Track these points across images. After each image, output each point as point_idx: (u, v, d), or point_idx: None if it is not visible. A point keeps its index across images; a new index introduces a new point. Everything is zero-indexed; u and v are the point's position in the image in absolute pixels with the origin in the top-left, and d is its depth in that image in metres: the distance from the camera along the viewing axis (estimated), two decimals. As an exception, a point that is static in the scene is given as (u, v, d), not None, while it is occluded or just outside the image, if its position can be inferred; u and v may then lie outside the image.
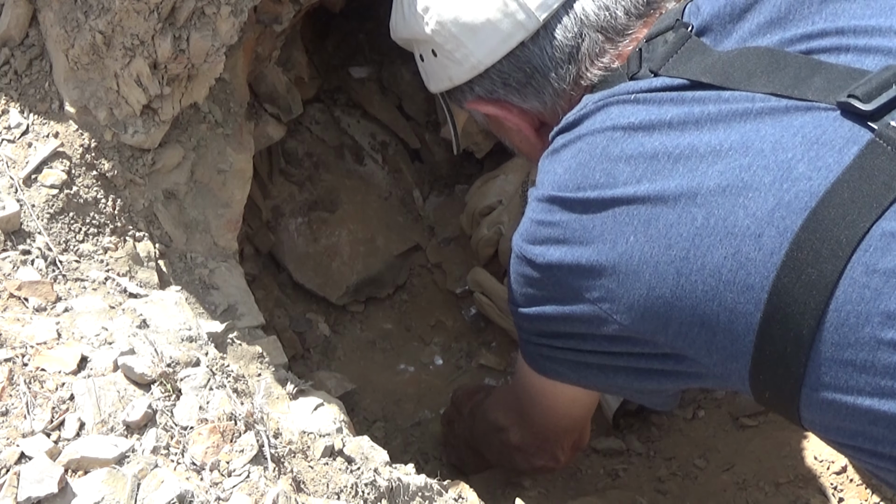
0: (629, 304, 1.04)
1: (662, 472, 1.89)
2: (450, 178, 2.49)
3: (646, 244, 1.01)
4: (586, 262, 1.06)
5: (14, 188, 1.38)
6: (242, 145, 1.69)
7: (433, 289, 2.37)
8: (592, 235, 1.06)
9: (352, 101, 2.42)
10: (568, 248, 1.08)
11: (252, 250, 2.17)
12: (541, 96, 1.25)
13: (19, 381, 1.05)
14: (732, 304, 0.97)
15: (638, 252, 1.02)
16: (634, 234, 1.02)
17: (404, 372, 2.25)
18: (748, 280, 0.95)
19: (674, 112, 1.05)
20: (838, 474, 1.68)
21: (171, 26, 1.47)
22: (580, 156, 1.10)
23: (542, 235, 1.12)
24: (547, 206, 1.11)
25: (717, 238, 0.97)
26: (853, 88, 0.95)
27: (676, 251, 0.99)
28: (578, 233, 1.07)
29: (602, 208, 1.06)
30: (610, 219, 1.05)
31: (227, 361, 1.23)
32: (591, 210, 1.07)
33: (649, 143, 1.04)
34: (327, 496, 1.11)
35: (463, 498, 1.39)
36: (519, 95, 1.26)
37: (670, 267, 1.00)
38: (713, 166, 0.99)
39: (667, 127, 1.04)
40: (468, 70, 1.26)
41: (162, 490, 0.96)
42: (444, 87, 1.34)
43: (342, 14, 2.37)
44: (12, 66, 1.48)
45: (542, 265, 1.12)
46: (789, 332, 0.94)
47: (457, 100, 1.35)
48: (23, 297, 1.24)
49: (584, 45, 1.19)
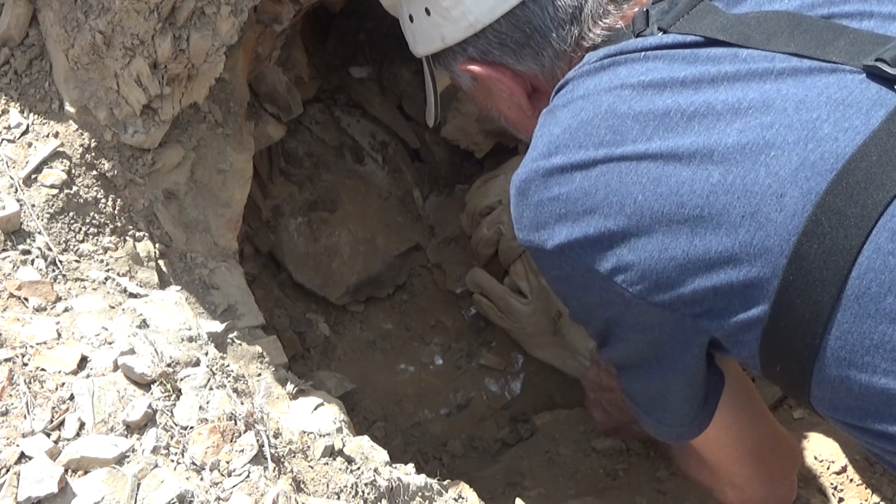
0: (642, 271, 0.97)
1: (662, 473, 1.89)
2: (450, 178, 2.49)
3: (655, 202, 0.95)
4: (594, 231, 1.00)
5: (14, 188, 1.38)
6: (242, 145, 1.69)
7: (433, 289, 2.37)
8: (597, 201, 0.99)
9: (352, 101, 2.42)
10: (573, 223, 1.01)
11: (252, 250, 2.17)
12: (539, 58, 1.19)
13: (19, 381, 1.05)
14: (748, 268, 0.92)
15: (648, 211, 0.96)
16: (643, 193, 0.96)
17: (404, 372, 2.25)
18: (767, 242, 0.90)
19: (687, 70, 1.00)
20: (838, 474, 1.68)
21: (171, 26, 1.47)
22: (582, 114, 1.03)
23: (543, 217, 1.04)
24: (542, 182, 1.04)
25: (735, 196, 0.92)
26: (880, 52, 0.92)
27: (689, 209, 0.94)
28: (581, 202, 1.00)
29: (607, 169, 0.99)
30: (616, 180, 0.98)
31: (227, 361, 1.23)
32: (594, 172, 0.99)
33: (660, 100, 0.98)
34: (327, 496, 1.11)
35: (463, 498, 1.39)
36: (515, 57, 1.20)
37: (683, 226, 0.94)
38: (731, 124, 0.94)
39: (679, 85, 0.99)
40: (463, 29, 1.20)
41: (162, 490, 0.96)
42: (434, 49, 1.26)
43: (342, 14, 2.37)
44: (12, 66, 1.48)
45: (554, 250, 1.04)
46: (808, 301, 0.89)
47: (445, 62, 1.27)
48: (23, 297, 1.24)
49: (588, 6, 1.14)
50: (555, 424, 2.11)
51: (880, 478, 1.68)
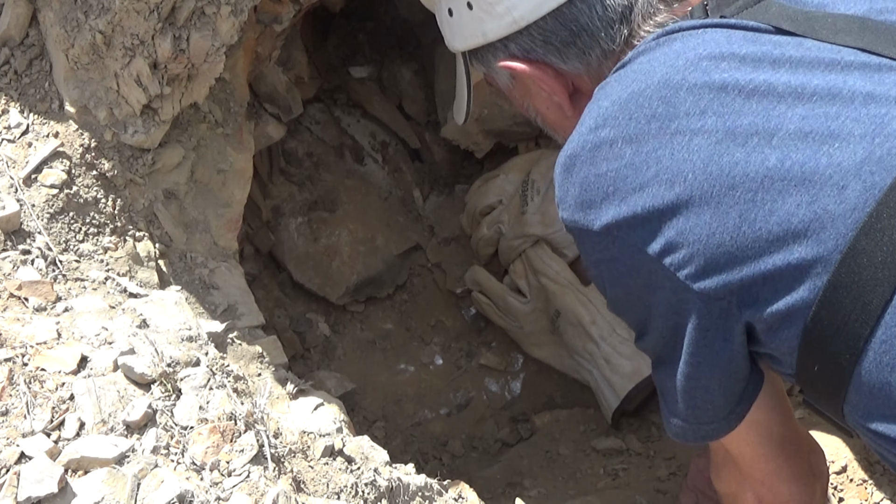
0: (691, 253, 0.92)
1: (662, 472, 1.89)
2: (450, 178, 2.49)
3: (706, 182, 0.90)
4: (642, 209, 0.94)
5: (14, 188, 1.38)
6: (242, 145, 1.69)
7: (433, 289, 2.37)
8: (647, 178, 0.94)
9: (352, 101, 2.42)
10: (622, 201, 0.95)
11: (252, 250, 2.17)
12: (585, 57, 1.13)
13: (19, 381, 1.05)
14: (799, 259, 0.87)
15: (698, 191, 0.91)
16: (693, 172, 0.91)
17: (404, 372, 2.25)
18: (822, 234, 0.86)
19: (748, 48, 0.94)
20: (838, 474, 1.68)
21: (171, 26, 1.47)
22: (633, 85, 0.97)
23: (590, 195, 0.98)
24: (589, 157, 0.98)
25: (792, 183, 0.87)
26: None
27: (741, 192, 0.89)
28: (630, 179, 0.95)
29: (658, 144, 0.93)
30: (667, 155, 0.93)
31: (227, 361, 1.23)
32: (645, 147, 0.94)
33: (717, 73, 0.93)
34: (327, 496, 1.11)
35: (463, 498, 1.39)
36: (559, 55, 1.14)
37: (733, 210, 0.89)
38: (793, 109, 0.90)
39: (738, 60, 0.94)
40: (507, 25, 1.15)
41: (162, 490, 0.96)
42: (474, 45, 1.21)
43: (342, 14, 2.37)
44: (12, 66, 1.48)
45: (601, 231, 0.98)
46: (857, 300, 0.85)
47: (483, 59, 1.22)
48: (23, 297, 1.24)
49: (638, 5, 1.09)
50: (555, 424, 2.11)
51: (880, 478, 1.68)
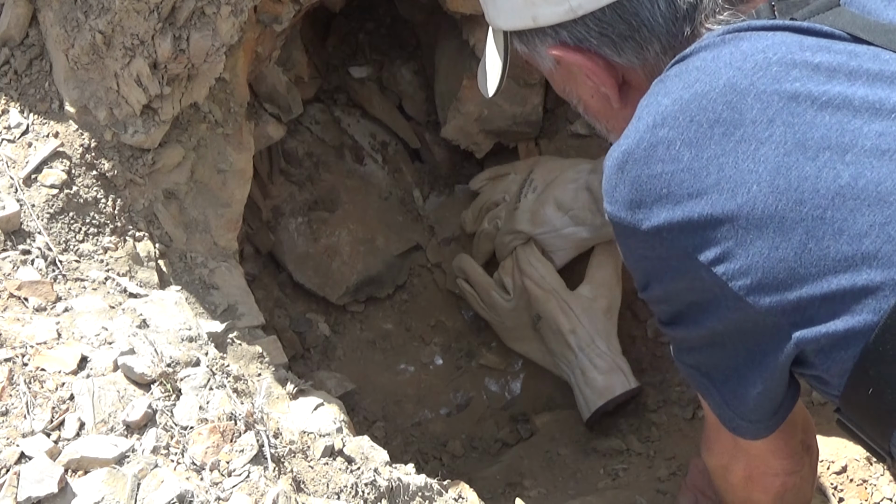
0: (747, 266, 0.89)
1: (662, 472, 1.89)
2: (450, 178, 2.49)
3: (771, 196, 0.87)
4: (699, 216, 0.91)
5: (14, 188, 1.38)
6: (242, 145, 1.69)
7: (433, 289, 2.37)
8: (706, 184, 0.90)
9: (352, 101, 2.42)
10: (675, 205, 0.92)
11: (252, 250, 2.17)
12: (642, 52, 1.07)
13: (19, 381, 1.05)
14: (865, 281, 0.84)
15: (761, 204, 0.87)
16: (758, 184, 0.87)
17: (404, 372, 2.25)
18: (894, 257, 0.83)
19: (821, 56, 0.90)
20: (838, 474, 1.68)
21: (171, 26, 1.47)
22: (697, 86, 0.93)
23: (641, 195, 0.95)
24: (644, 156, 0.94)
25: (865, 203, 0.84)
26: None
27: (809, 209, 0.86)
28: (687, 183, 0.91)
29: (721, 150, 0.90)
30: (730, 163, 0.89)
31: (227, 361, 1.23)
32: (706, 152, 0.90)
33: (787, 81, 0.89)
34: (327, 496, 1.11)
35: (463, 498, 1.39)
36: (614, 48, 1.08)
37: (798, 226, 0.86)
38: (870, 124, 0.86)
39: (811, 69, 0.89)
40: (562, 13, 1.08)
41: (162, 490, 0.96)
42: (520, 27, 1.14)
43: (342, 14, 2.37)
44: (12, 66, 1.48)
45: (649, 231, 0.95)
46: None
47: (529, 42, 1.15)
48: (23, 297, 1.24)
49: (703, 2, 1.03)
50: (555, 424, 2.11)
51: (880, 478, 1.68)
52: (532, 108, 2.30)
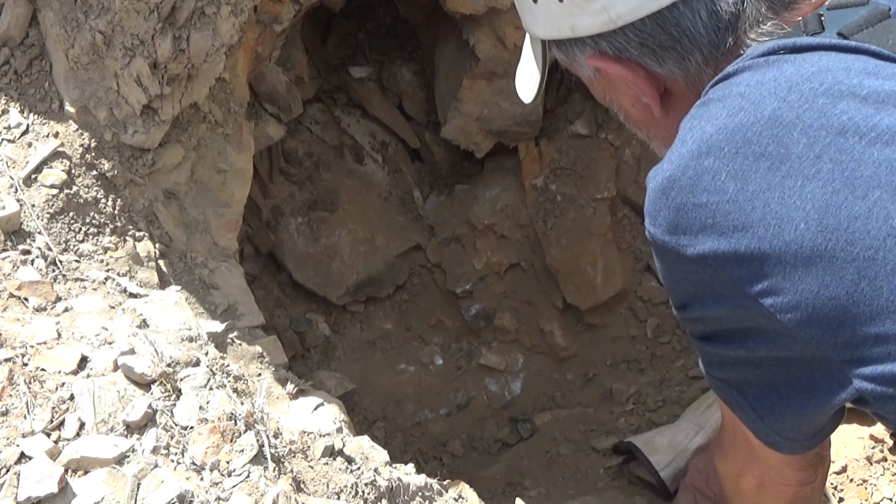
0: (796, 301, 0.88)
1: (662, 472, 1.89)
2: (450, 178, 2.49)
3: (820, 235, 0.85)
4: (746, 249, 0.89)
5: (14, 188, 1.38)
6: (242, 145, 1.69)
7: (433, 289, 2.37)
8: (752, 219, 0.88)
9: (352, 101, 2.42)
10: (721, 235, 0.91)
11: (252, 250, 2.17)
12: (683, 63, 1.05)
13: (19, 381, 1.05)
14: None
15: (810, 243, 0.86)
16: (806, 222, 0.86)
17: (404, 372, 2.25)
18: None
19: (870, 83, 0.88)
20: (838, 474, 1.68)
21: (171, 26, 1.47)
22: (741, 115, 0.91)
23: (685, 222, 0.93)
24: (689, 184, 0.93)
25: None
26: None
27: (861, 249, 0.84)
28: (733, 216, 0.90)
29: (767, 185, 0.88)
30: (777, 200, 0.87)
31: (227, 361, 1.23)
32: (751, 185, 0.89)
33: (835, 114, 0.87)
34: (327, 496, 1.11)
35: (463, 498, 1.39)
36: (655, 58, 1.06)
37: (850, 266, 0.85)
38: None
39: (860, 100, 0.87)
40: (601, 24, 1.06)
41: (162, 490, 0.96)
42: (559, 37, 1.12)
43: (342, 14, 2.37)
44: (12, 66, 1.48)
45: (693, 257, 0.93)
46: None
47: (568, 51, 1.13)
48: (23, 297, 1.24)
49: (745, 13, 1.01)
50: (555, 424, 2.11)
51: (880, 478, 1.68)
52: (532, 108, 2.30)
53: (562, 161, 2.41)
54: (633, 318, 2.33)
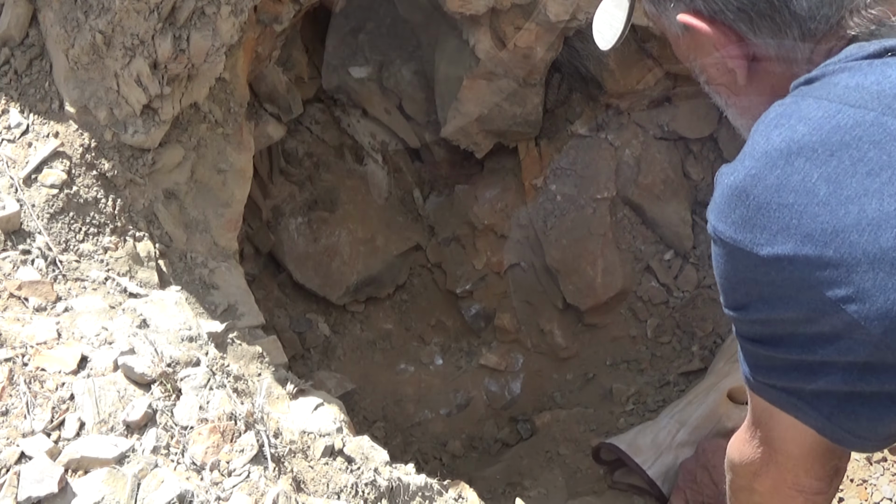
0: (885, 309, 0.86)
1: (662, 472, 1.89)
2: (450, 178, 2.49)
3: None
4: (835, 254, 0.87)
5: (14, 188, 1.38)
6: (242, 145, 1.69)
7: (433, 289, 2.37)
8: (844, 223, 0.86)
9: (352, 101, 2.42)
10: (805, 238, 0.88)
11: (252, 250, 2.17)
12: (779, 35, 1.02)
13: (19, 381, 1.05)
14: None
15: None
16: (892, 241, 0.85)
17: (404, 372, 2.25)
18: None
19: None
20: (838, 474, 1.68)
21: (171, 26, 1.47)
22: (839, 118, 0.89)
23: (764, 221, 0.91)
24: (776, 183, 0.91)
25: None
26: None
27: None
28: (822, 218, 0.87)
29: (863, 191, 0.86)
30: (874, 206, 0.86)
31: (227, 361, 1.23)
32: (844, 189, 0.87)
33: None
34: (327, 496, 1.11)
35: (463, 498, 1.39)
36: (751, 25, 1.02)
37: None
38: None
39: None
40: None
41: (162, 490, 0.96)
42: None
43: (342, 14, 2.37)
44: (12, 66, 1.48)
45: (767, 258, 0.90)
46: None
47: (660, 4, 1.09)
48: (23, 297, 1.24)
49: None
50: (555, 424, 2.11)
51: (880, 478, 1.68)
52: (532, 107, 2.30)
53: (562, 161, 2.41)
54: (632, 318, 2.33)
